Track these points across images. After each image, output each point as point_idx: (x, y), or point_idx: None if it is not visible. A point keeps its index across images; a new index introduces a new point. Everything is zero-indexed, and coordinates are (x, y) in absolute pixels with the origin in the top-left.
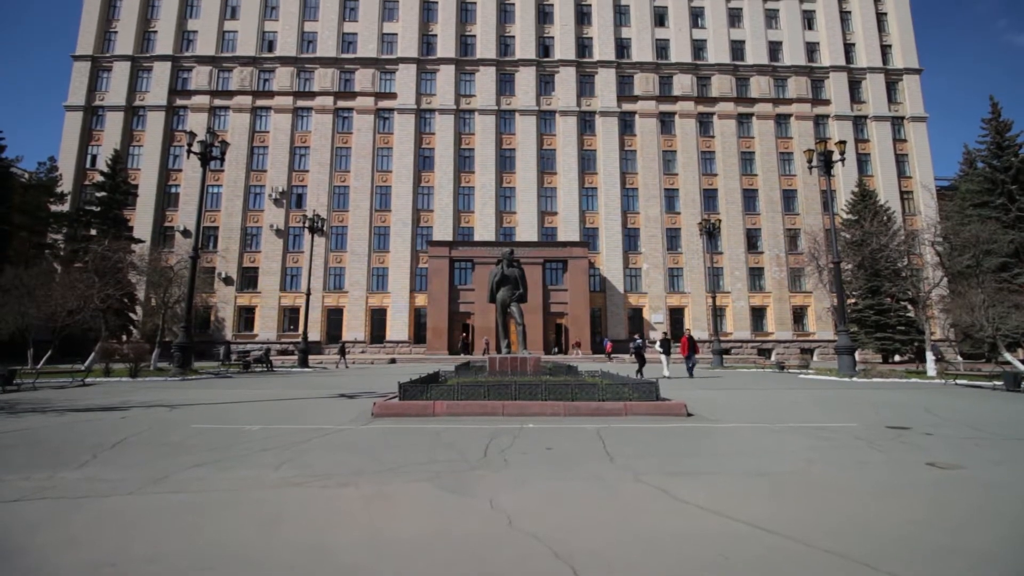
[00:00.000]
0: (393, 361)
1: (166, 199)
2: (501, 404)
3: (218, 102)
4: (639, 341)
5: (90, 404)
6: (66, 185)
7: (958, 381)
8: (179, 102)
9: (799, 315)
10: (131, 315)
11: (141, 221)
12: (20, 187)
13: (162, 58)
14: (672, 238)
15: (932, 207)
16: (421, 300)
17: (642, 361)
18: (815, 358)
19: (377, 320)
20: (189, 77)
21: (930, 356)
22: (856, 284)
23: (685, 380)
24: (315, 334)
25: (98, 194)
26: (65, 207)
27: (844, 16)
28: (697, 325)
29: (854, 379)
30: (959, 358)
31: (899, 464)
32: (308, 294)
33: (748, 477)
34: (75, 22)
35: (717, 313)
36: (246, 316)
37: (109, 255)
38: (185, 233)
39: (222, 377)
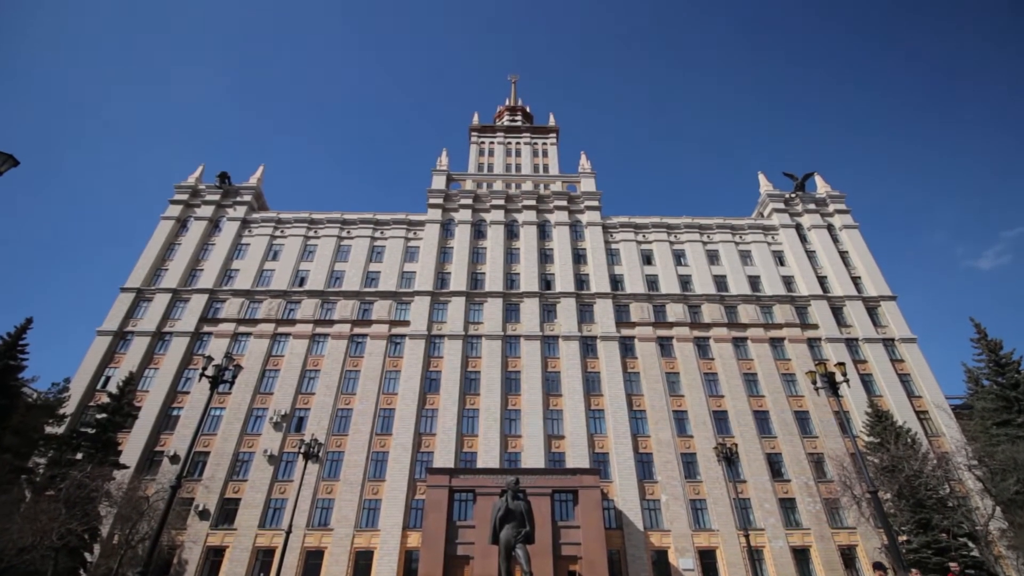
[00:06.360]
0: None
1: (165, 422)
2: None
3: (242, 328)
4: None
5: None
6: (71, 406)
7: None
8: (206, 328)
9: (848, 557)
10: (86, 555)
11: (133, 444)
12: (24, 407)
13: (201, 291)
14: (688, 463)
15: (954, 427)
16: (414, 540)
17: None
18: None
19: (361, 567)
20: (221, 307)
21: None
22: (902, 518)
23: None
24: None
25: (98, 416)
26: (61, 429)
27: (810, 254)
28: (734, 572)
29: None
30: None
31: None
32: (288, 531)
33: None
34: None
35: (754, 556)
36: (213, 559)
37: (86, 482)
38: (174, 459)
39: None
